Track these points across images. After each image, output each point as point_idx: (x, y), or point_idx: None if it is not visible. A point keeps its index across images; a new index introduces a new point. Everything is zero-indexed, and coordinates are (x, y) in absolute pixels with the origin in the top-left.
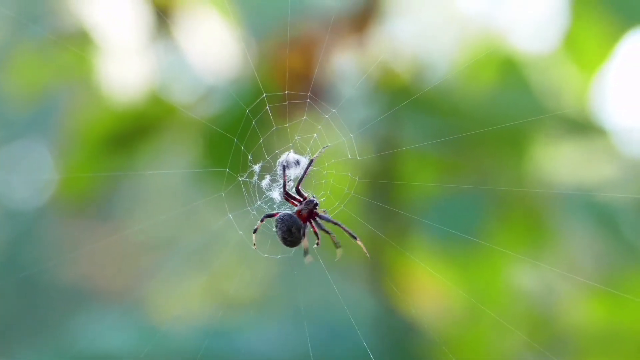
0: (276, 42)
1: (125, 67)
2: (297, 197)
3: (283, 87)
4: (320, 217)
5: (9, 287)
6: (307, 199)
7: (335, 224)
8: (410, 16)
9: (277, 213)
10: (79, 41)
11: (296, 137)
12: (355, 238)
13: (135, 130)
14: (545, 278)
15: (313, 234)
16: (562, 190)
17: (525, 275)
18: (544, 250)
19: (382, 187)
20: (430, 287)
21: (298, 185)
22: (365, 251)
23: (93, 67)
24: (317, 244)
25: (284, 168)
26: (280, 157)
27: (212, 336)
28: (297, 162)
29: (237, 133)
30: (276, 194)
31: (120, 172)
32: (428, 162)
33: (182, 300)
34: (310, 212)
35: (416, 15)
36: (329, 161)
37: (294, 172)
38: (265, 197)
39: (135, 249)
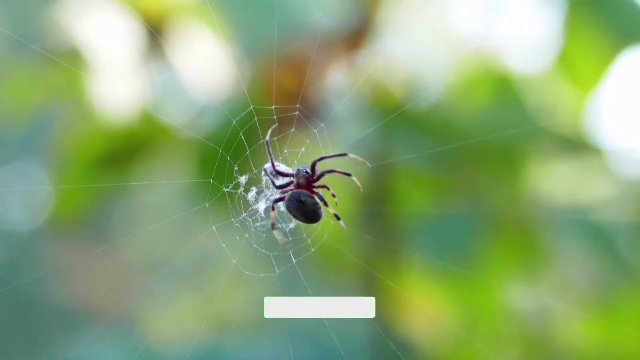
0: (269, 61)
1: (118, 86)
2: (286, 179)
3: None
4: (319, 177)
5: (2, 308)
6: (295, 171)
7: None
8: (403, 34)
9: (284, 197)
10: (71, 60)
11: (285, 151)
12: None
13: (128, 150)
14: (540, 298)
15: (330, 195)
16: (557, 209)
17: (519, 295)
18: (539, 269)
19: (373, 205)
20: (423, 307)
21: (274, 168)
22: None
23: (85, 86)
24: (334, 195)
25: (265, 171)
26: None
27: (204, 356)
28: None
29: (229, 151)
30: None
31: (114, 186)
32: (421, 180)
33: (175, 320)
34: (307, 180)
35: (410, 34)
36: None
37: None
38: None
39: (128, 268)
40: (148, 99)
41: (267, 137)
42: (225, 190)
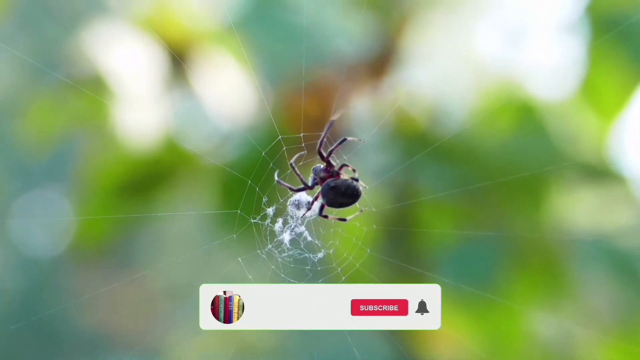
0: (293, 89)
1: (141, 113)
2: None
3: (299, 132)
4: (328, 161)
5: (26, 334)
6: (315, 173)
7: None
8: (427, 62)
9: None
10: (95, 88)
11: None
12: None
13: (151, 177)
14: (563, 324)
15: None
16: (580, 236)
17: (542, 321)
18: (562, 296)
19: (397, 233)
20: (447, 331)
21: (304, 183)
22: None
23: (109, 113)
24: (354, 170)
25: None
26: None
27: None
28: (308, 203)
29: (252, 178)
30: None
31: (137, 216)
32: (444, 208)
33: (199, 346)
34: (325, 170)
35: (433, 61)
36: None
37: (302, 213)
38: (276, 241)
39: (152, 295)
40: (171, 126)
41: (292, 160)
42: (252, 221)
